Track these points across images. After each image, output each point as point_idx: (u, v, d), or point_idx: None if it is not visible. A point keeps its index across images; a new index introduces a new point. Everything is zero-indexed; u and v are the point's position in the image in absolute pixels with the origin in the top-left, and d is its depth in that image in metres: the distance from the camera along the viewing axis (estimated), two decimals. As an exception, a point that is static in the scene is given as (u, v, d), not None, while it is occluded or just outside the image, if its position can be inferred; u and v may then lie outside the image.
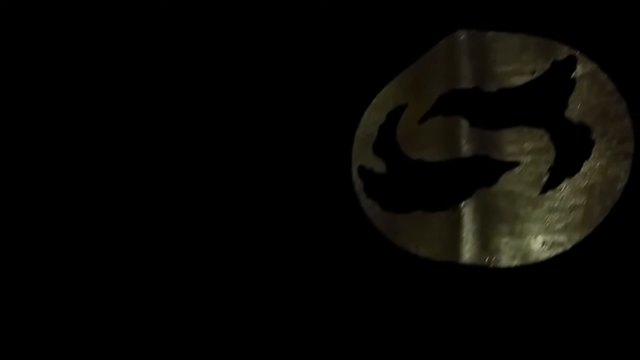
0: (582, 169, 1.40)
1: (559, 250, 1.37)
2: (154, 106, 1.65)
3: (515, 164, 1.44)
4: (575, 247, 1.37)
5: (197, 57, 1.66)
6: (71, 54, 1.68)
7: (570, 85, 1.45)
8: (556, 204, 1.40)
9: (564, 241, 1.37)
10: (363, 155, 1.54)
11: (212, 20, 1.67)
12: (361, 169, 1.53)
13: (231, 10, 1.64)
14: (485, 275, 1.39)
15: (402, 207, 1.48)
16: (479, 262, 1.40)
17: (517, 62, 1.49)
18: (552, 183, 1.42)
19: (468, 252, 1.41)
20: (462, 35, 1.53)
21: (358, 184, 1.53)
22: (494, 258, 1.40)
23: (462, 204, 1.44)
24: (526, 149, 1.44)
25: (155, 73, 1.66)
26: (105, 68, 1.67)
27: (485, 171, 1.45)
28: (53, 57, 1.69)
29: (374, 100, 1.57)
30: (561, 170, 1.42)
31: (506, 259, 1.39)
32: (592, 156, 1.40)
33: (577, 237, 1.37)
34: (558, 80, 1.46)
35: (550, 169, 1.42)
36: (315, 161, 1.53)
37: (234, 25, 1.64)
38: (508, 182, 1.43)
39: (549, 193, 1.41)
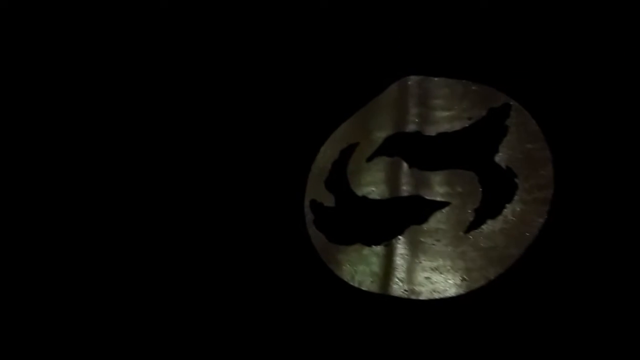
0: (504, 212, 1.50)
1: (474, 286, 1.49)
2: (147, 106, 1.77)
3: (445, 204, 1.56)
4: (490, 285, 1.47)
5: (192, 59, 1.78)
6: (71, 54, 1.79)
7: (503, 131, 1.56)
8: (476, 243, 1.51)
9: (479, 278, 1.48)
10: (316, 189, 1.69)
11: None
12: (313, 203, 1.68)
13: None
14: (408, 308, 1.52)
15: (345, 239, 1.62)
16: (403, 295, 1.53)
17: (457, 108, 1.61)
18: (475, 224, 1.52)
19: (395, 285, 1.54)
20: (411, 81, 1.66)
21: (309, 216, 1.68)
22: (416, 291, 1.52)
23: (395, 239, 1.57)
24: (456, 190, 1.56)
25: (152, 73, 1.78)
26: (105, 68, 1.79)
27: (418, 210, 1.57)
28: (53, 57, 1.80)
29: (330, 137, 1.71)
30: (485, 212, 1.52)
31: (427, 292, 1.51)
32: (513, 200, 1.50)
33: (492, 275, 1.47)
34: (492, 126, 1.57)
35: (475, 210, 1.53)
36: (271, 192, 1.69)
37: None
38: (437, 220, 1.55)
39: (472, 233, 1.52)
